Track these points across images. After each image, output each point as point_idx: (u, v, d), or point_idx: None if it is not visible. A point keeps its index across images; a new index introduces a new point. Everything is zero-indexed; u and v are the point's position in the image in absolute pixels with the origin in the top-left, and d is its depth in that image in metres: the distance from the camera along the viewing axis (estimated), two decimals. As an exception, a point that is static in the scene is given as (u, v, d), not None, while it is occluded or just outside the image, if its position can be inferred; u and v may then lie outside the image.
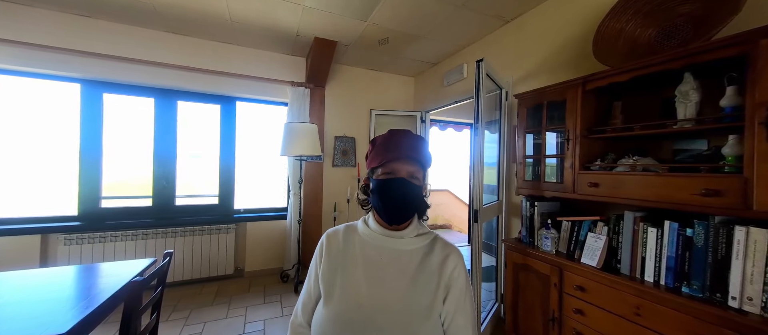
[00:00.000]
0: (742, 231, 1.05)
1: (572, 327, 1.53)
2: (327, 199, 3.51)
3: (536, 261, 1.76)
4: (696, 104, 1.26)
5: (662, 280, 1.27)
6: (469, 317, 0.65)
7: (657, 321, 1.21)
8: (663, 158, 1.47)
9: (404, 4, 2.24)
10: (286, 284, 3.04)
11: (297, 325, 0.74)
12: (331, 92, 3.53)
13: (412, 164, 0.69)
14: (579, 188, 1.60)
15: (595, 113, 1.66)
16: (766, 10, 1.19)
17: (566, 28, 2.00)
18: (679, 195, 1.20)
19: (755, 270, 1.02)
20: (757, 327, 0.96)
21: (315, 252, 0.75)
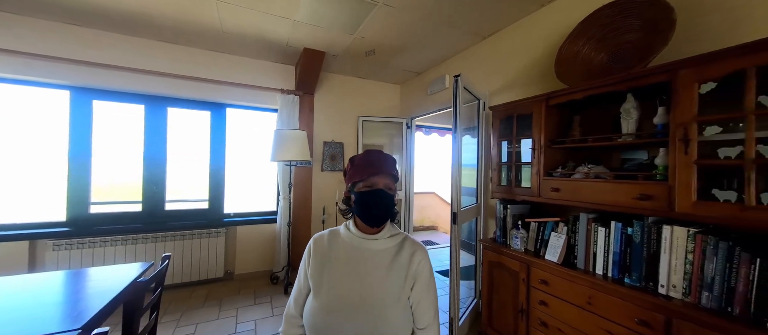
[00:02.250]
0: (668, 230, 1.25)
1: (538, 317, 1.71)
2: (316, 203, 3.62)
3: (508, 258, 1.94)
4: (636, 121, 1.46)
5: (609, 273, 1.46)
6: (431, 301, 0.79)
7: (605, 309, 1.40)
8: (613, 166, 1.67)
9: (389, 21, 2.39)
10: (276, 286, 3.13)
11: (291, 316, 0.87)
12: (320, 99, 3.65)
13: (387, 177, 0.84)
14: (543, 192, 1.79)
15: (558, 125, 1.85)
16: (688, 45, 1.41)
17: (535, 47, 2.20)
18: (621, 199, 1.40)
19: (677, 262, 1.22)
20: (679, 310, 1.16)
21: (304, 254, 0.89)
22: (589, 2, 1.79)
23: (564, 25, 1.95)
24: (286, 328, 0.86)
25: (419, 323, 0.78)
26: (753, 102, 1.03)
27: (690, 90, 1.17)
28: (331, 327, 0.75)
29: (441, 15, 2.30)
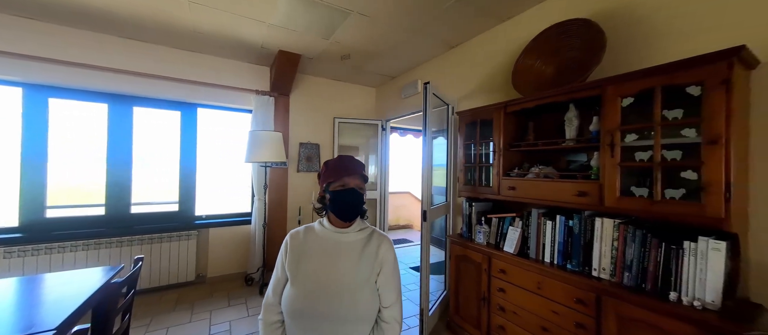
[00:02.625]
0: (599, 222, 1.47)
1: (497, 303, 1.90)
2: (292, 203, 3.64)
3: (472, 251, 2.11)
4: (576, 128, 1.69)
5: (555, 260, 1.67)
6: (395, 284, 0.92)
7: (551, 292, 1.60)
8: (560, 167, 1.89)
9: (363, 28, 2.50)
10: (251, 287, 3.12)
11: (270, 304, 0.95)
12: (296, 100, 3.68)
13: (357, 178, 0.95)
14: (502, 191, 1.99)
15: (515, 130, 2.06)
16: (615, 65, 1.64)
17: (497, 57, 2.41)
18: (565, 196, 1.61)
19: (606, 248, 1.44)
20: (606, 289, 1.37)
21: (281, 248, 0.98)
22: (540, 21, 2.01)
23: (520, 40, 2.16)
24: (266, 315, 0.94)
25: (384, 302, 0.89)
26: (659, 115, 1.25)
27: (614, 103, 1.39)
28: (308, 310, 0.85)
29: (412, 25, 2.44)
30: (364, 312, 0.87)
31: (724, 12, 1.31)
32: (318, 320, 0.85)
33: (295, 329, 0.88)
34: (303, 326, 0.86)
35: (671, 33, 1.47)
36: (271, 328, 0.92)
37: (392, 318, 0.89)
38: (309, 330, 0.86)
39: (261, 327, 0.94)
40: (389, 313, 0.89)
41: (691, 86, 1.17)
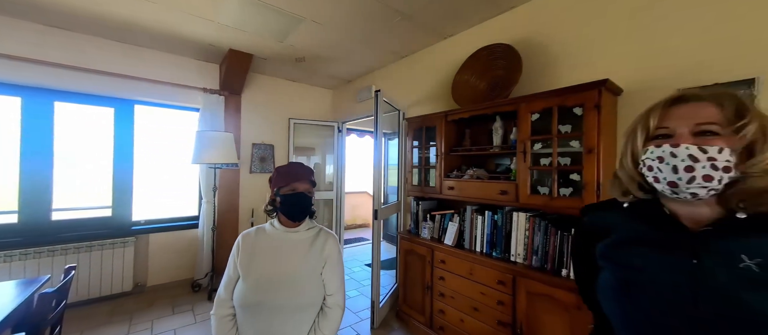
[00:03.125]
0: (516, 215, 1.76)
1: (438, 290, 2.14)
2: (244, 205, 3.55)
3: (418, 245, 2.33)
4: (501, 136, 1.99)
5: (484, 249, 1.95)
6: (339, 275, 1.06)
7: (480, 276, 1.87)
8: (490, 170, 2.19)
9: (316, 34, 2.58)
10: (198, 293, 3.00)
11: (222, 299, 1.01)
12: (248, 100, 3.59)
13: (306, 183, 1.07)
14: (444, 190, 2.23)
15: (455, 136, 2.32)
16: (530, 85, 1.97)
17: (441, 70, 2.66)
18: (491, 194, 1.89)
19: (520, 237, 1.74)
20: (520, 270, 1.66)
21: (233, 249, 1.06)
22: (474, 42, 2.29)
23: (459, 57, 2.42)
24: (218, 310, 1.01)
25: (329, 291, 1.02)
26: (556, 128, 1.57)
27: (526, 117, 1.69)
28: (259, 302, 0.95)
29: (363, 36, 2.59)
30: (311, 300, 0.99)
31: (601, 52, 1.68)
32: (269, 310, 0.94)
33: (247, 320, 0.96)
34: (255, 317, 0.95)
35: (566, 63, 1.83)
36: (223, 321, 0.99)
37: (335, 304, 1.02)
38: (260, 320, 0.95)
39: (214, 321, 1.00)
40: (333, 299, 1.02)
41: (576, 107, 1.50)
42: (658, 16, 1.50)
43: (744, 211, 0.52)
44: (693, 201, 0.55)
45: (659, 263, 0.56)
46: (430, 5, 2.11)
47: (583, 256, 0.72)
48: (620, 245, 0.62)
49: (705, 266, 0.52)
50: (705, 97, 0.55)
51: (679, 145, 0.53)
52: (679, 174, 0.53)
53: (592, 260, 0.67)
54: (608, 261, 0.63)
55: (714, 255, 0.52)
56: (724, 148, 0.51)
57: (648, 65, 1.51)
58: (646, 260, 0.57)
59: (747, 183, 0.51)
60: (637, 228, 0.61)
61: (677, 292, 0.53)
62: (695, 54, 1.38)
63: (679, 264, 0.54)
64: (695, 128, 0.54)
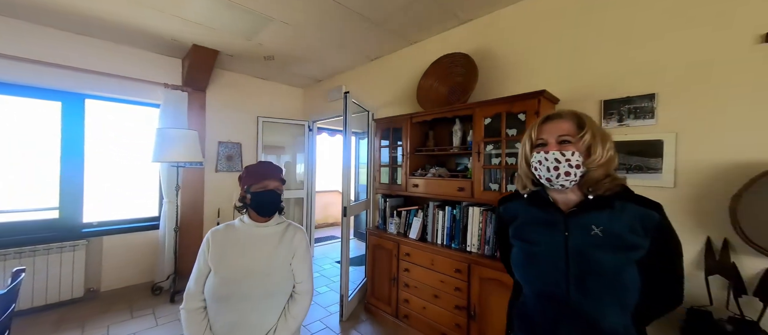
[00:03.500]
0: (472, 210, 1.95)
1: (403, 281, 2.28)
2: (209, 205, 3.46)
3: (385, 240, 2.46)
4: (460, 138, 2.17)
5: (444, 241, 2.12)
6: (307, 265, 1.14)
7: (440, 266, 2.03)
8: (451, 168, 2.38)
9: (286, 35, 2.60)
10: (159, 296, 2.88)
11: (192, 293, 1.06)
12: (214, 97, 3.50)
13: (277, 181, 1.14)
14: (409, 188, 2.38)
15: (419, 137, 2.48)
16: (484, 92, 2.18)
17: (408, 74, 2.81)
18: (451, 191, 2.06)
19: (475, 229, 1.93)
20: (474, 259, 1.84)
21: (203, 245, 1.10)
22: (438, 50, 2.46)
23: (425, 62, 2.58)
24: (188, 303, 1.05)
25: (298, 279, 1.11)
26: (504, 132, 1.77)
27: (480, 121, 1.88)
28: (232, 292, 1.01)
29: (332, 37, 2.66)
30: (280, 288, 1.07)
31: (542, 67, 1.92)
32: (240, 300, 1.01)
33: (219, 311, 1.02)
34: (227, 307, 1.01)
35: (514, 74, 2.05)
36: (193, 314, 1.03)
37: (304, 291, 1.11)
38: (232, 310, 1.01)
39: (184, 315, 1.04)
40: (302, 287, 1.11)
41: (520, 113, 1.71)
42: (581, 41, 1.75)
43: (592, 194, 0.72)
44: (564, 190, 0.75)
45: (546, 237, 0.76)
46: (397, 14, 2.24)
47: (501, 237, 0.90)
48: (523, 226, 0.82)
49: (572, 236, 0.72)
50: (563, 115, 0.76)
51: (549, 151, 0.72)
52: (551, 172, 0.72)
53: (507, 239, 0.85)
54: (516, 238, 0.83)
55: (576, 228, 0.72)
56: (574, 151, 0.71)
57: (577, 80, 1.76)
58: (539, 235, 0.77)
59: (590, 175, 0.71)
60: (533, 212, 0.81)
61: (557, 256, 0.73)
62: (610, 73, 1.65)
63: (557, 237, 0.74)
64: (558, 138, 0.74)
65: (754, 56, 1.29)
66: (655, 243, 0.68)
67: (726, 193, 1.28)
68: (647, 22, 1.55)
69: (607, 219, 0.70)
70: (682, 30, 1.45)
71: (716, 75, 1.37)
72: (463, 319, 1.88)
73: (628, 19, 1.61)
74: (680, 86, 1.45)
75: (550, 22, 1.90)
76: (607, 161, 0.71)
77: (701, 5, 1.41)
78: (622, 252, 0.68)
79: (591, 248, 0.69)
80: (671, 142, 1.46)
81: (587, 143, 0.72)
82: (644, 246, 0.68)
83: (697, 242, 1.39)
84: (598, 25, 1.71)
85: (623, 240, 0.68)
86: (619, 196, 0.72)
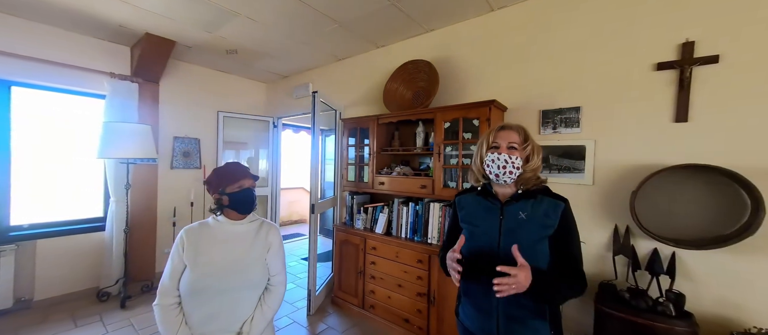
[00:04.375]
0: (432, 205, 2.14)
1: (370, 273, 2.42)
2: (164, 204, 3.26)
3: (353, 236, 2.57)
4: (423, 139, 2.35)
5: (408, 235, 2.29)
6: (281, 259, 1.21)
7: (404, 258, 2.20)
8: (415, 167, 2.55)
9: (252, 30, 2.55)
10: (107, 302, 2.68)
11: (167, 289, 1.07)
12: (169, 90, 3.29)
13: (251, 179, 1.19)
14: (375, 186, 2.51)
15: (385, 137, 2.61)
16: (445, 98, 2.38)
17: (375, 75, 2.92)
18: (414, 189, 2.23)
19: (435, 223, 2.12)
20: (435, 250, 2.03)
21: (176, 243, 1.11)
22: (404, 55, 2.62)
23: (391, 65, 2.71)
24: (162, 299, 1.07)
25: (272, 272, 1.17)
26: (461, 135, 1.97)
27: (441, 125, 2.07)
28: (208, 288, 1.05)
29: (300, 37, 2.67)
30: (256, 281, 1.13)
31: (495, 78, 2.16)
32: (217, 293, 1.06)
33: (194, 305, 1.05)
34: (203, 300, 1.05)
35: (471, 83, 2.28)
36: (168, 309, 1.06)
37: (278, 282, 1.18)
38: (208, 303, 1.05)
39: (158, 311, 1.06)
40: (276, 279, 1.18)
41: (474, 119, 1.92)
42: (525, 59, 2.02)
43: (522, 189, 0.95)
44: (505, 185, 0.96)
45: (487, 220, 0.97)
46: (365, 19, 2.34)
47: (453, 220, 1.13)
48: (470, 213, 1.03)
49: (505, 219, 0.94)
50: (513, 127, 0.98)
51: (501, 154, 0.92)
52: (500, 170, 0.92)
53: (458, 222, 1.08)
54: (465, 222, 1.04)
55: (509, 213, 0.94)
56: (518, 157, 0.93)
57: (521, 92, 2.03)
58: (481, 219, 0.99)
59: (524, 175, 0.94)
60: (479, 201, 1.02)
61: (492, 234, 0.95)
62: (547, 87, 1.93)
63: (493, 219, 0.96)
64: (508, 144, 0.95)
65: (650, 80, 1.62)
66: (560, 224, 0.91)
67: (628, 189, 1.60)
68: (574, 46, 1.84)
69: (530, 207, 0.93)
70: (599, 55, 1.76)
71: (623, 93, 1.69)
72: (424, 305, 2.07)
73: (560, 42, 1.89)
74: (598, 100, 1.76)
75: (500, 41, 2.14)
76: (537, 168, 0.96)
77: (613, 37, 1.73)
78: (538, 231, 0.91)
79: (517, 228, 0.93)
80: (591, 147, 1.77)
81: (528, 152, 0.95)
82: (554, 225, 0.91)
83: (608, 229, 1.71)
84: (537, 46, 1.98)
85: (540, 222, 0.91)
86: (541, 191, 0.96)
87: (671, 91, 1.57)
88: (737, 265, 1.41)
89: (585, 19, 1.81)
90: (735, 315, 1.40)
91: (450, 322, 1.95)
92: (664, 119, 1.59)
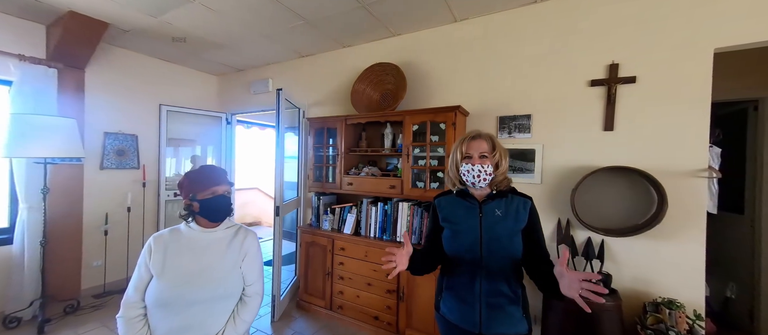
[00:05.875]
0: (401, 205, 2.22)
1: (338, 274, 2.41)
2: (93, 210, 2.82)
3: (320, 237, 2.53)
4: (391, 140, 2.41)
5: (377, 234, 2.34)
6: (257, 267, 1.15)
7: (373, 257, 2.24)
8: (383, 168, 2.60)
9: (206, 18, 2.34)
10: (17, 329, 2.24)
11: (132, 301, 0.99)
12: (98, 78, 2.85)
13: (225, 185, 1.11)
14: (343, 186, 2.50)
15: (353, 138, 2.62)
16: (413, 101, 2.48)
17: (342, 75, 2.89)
18: (383, 189, 2.28)
19: (404, 221, 2.20)
20: (403, 248, 2.11)
21: (144, 251, 1.03)
22: (371, 56, 2.65)
23: (359, 66, 2.72)
24: (127, 311, 0.98)
25: (248, 281, 1.12)
26: (429, 138, 2.08)
27: (409, 127, 2.15)
28: (177, 299, 0.97)
29: (262, 31, 2.53)
30: (230, 291, 1.06)
31: (459, 84, 2.31)
32: (187, 305, 0.98)
33: (162, 317, 0.97)
34: (171, 312, 0.96)
35: (438, 88, 2.40)
36: (132, 322, 0.97)
37: (254, 293, 1.13)
38: (177, 314, 0.97)
39: (121, 324, 0.98)
40: (252, 289, 1.12)
41: (441, 123, 2.04)
42: (484, 68, 2.20)
43: (495, 190, 1.07)
44: (481, 189, 1.07)
45: (467, 219, 1.07)
46: (331, 18, 2.30)
47: (433, 221, 1.19)
48: (451, 213, 1.12)
49: (484, 217, 1.05)
50: (482, 136, 1.08)
51: (474, 164, 1.03)
52: (475, 179, 1.03)
53: (438, 223, 1.15)
54: (446, 222, 1.12)
55: (486, 211, 1.05)
56: (489, 164, 1.04)
57: (482, 99, 2.21)
58: (462, 218, 1.08)
59: (495, 178, 1.06)
60: (459, 203, 1.11)
61: (474, 231, 1.05)
62: (503, 96, 2.13)
63: (474, 218, 1.06)
64: (480, 154, 1.05)
65: (586, 95, 1.90)
66: (529, 219, 1.06)
67: (569, 187, 1.85)
68: (526, 60, 2.07)
69: (504, 205, 1.05)
70: (546, 70, 2.01)
71: (565, 104, 1.95)
72: (393, 301, 2.14)
73: (514, 57, 2.11)
74: (545, 110, 2.01)
75: (462, 50, 2.30)
76: (505, 170, 1.08)
77: (557, 55, 1.98)
78: (512, 225, 1.03)
79: (495, 224, 1.04)
80: (540, 151, 2.01)
81: (497, 159, 1.06)
82: (525, 220, 1.05)
83: (553, 222, 1.97)
84: (495, 58, 2.17)
85: (513, 218, 1.04)
86: (510, 191, 1.09)
87: (601, 104, 1.85)
88: (648, 249, 1.73)
89: (534, 39, 2.04)
90: (646, 289, 1.73)
91: (418, 315, 2.05)
92: (596, 128, 1.87)
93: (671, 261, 1.68)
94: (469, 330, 1.04)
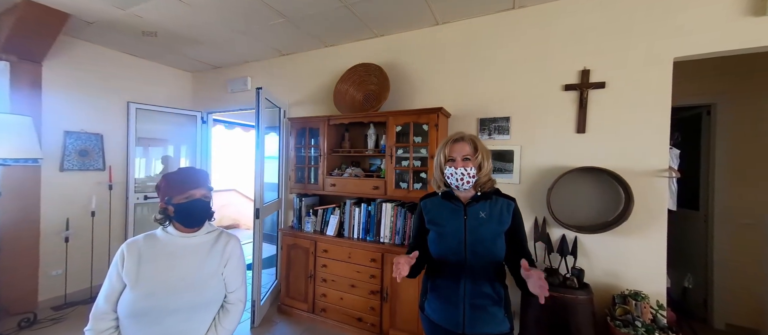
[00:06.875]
0: (385, 205, 2.22)
1: (321, 276, 2.38)
2: (52, 215, 2.61)
3: (302, 239, 2.48)
4: (374, 141, 2.41)
5: (360, 235, 2.33)
6: (240, 273, 1.11)
7: (357, 258, 2.23)
8: (366, 168, 2.59)
9: (179, 12, 2.22)
10: (-36, 350, 2.03)
11: (101, 313, 0.93)
12: (57, 73, 2.64)
13: (204, 189, 1.06)
14: (326, 187, 2.47)
15: (336, 138, 2.59)
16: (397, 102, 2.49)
17: (324, 75, 2.85)
18: (366, 190, 2.27)
19: (387, 222, 2.21)
20: (387, 248, 2.12)
21: (116, 258, 0.97)
22: (353, 56, 2.63)
23: (341, 66, 2.69)
24: (97, 324, 0.91)
25: (230, 288, 1.07)
26: (412, 139, 2.10)
27: (392, 128, 2.16)
28: (153, 308, 0.91)
29: (239, 25, 2.43)
30: (210, 299, 1.02)
31: (441, 86, 2.35)
32: (164, 314, 0.92)
33: (136, 329, 0.91)
34: (146, 324, 0.91)
35: (421, 90, 2.43)
36: None
37: (237, 300, 1.08)
38: (153, 325, 0.91)
39: None
40: (234, 296, 1.08)
41: (424, 124, 2.06)
42: (465, 71, 2.26)
43: (480, 191, 1.09)
44: (465, 191, 1.09)
45: (452, 221, 1.09)
46: (313, 17, 2.27)
47: (419, 223, 1.21)
48: (437, 216, 1.13)
49: (469, 218, 1.07)
50: (464, 139, 1.10)
51: (457, 167, 1.05)
52: (459, 181, 1.06)
53: (424, 225, 1.16)
54: (432, 224, 1.14)
55: (471, 213, 1.08)
56: (472, 167, 1.06)
57: (463, 101, 2.26)
58: (447, 220, 1.10)
59: (479, 180, 1.08)
60: (444, 205, 1.13)
61: (459, 233, 1.07)
62: (484, 99, 2.19)
63: (459, 220, 1.08)
64: (462, 157, 1.07)
65: (560, 98, 1.99)
66: (513, 220, 1.09)
67: (545, 187, 1.93)
68: (504, 64, 2.14)
69: (488, 207, 1.08)
70: (523, 74, 2.08)
71: (541, 108, 2.04)
72: (377, 302, 2.14)
73: (493, 61, 2.17)
74: (523, 112, 2.08)
75: (444, 53, 2.34)
76: (489, 171, 1.10)
77: (533, 60, 2.06)
78: (496, 227, 1.06)
79: (479, 226, 1.06)
80: (518, 152, 2.08)
81: (480, 160, 1.08)
82: (508, 222, 1.08)
83: (531, 220, 2.04)
84: (476, 61, 2.23)
85: (497, 219, 1.07)
86: (494, 192, 1.12)
87: (574, 108, 1.95)
88: (616, 244, 1.84)
89: (512, 44, 2.12)
90: (616, 282, 1.84)
91: (402, 316, 2.06)
92: (569, 130, 1.96)
93: (637, 255, 1.80)
94: (452, 330, 1.06)
